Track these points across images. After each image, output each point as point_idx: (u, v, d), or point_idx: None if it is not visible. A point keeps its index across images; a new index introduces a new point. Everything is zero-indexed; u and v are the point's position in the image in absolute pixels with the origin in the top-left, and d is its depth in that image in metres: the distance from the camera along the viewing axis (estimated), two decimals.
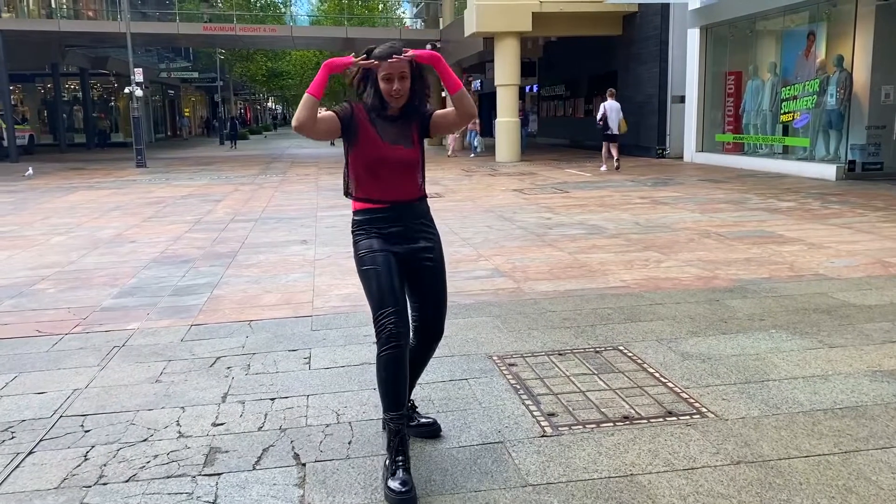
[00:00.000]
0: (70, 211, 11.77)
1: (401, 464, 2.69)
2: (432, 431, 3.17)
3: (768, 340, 4.36)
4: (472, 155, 23.38)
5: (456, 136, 24.21)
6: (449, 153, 23.79)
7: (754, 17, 15.96)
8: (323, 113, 2.87)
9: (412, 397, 3.22)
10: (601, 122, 16.10)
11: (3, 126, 27.17)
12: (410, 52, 2.82)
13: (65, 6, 36.90)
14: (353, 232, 2.98)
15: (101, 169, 21.64)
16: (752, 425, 3.21)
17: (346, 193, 2.99)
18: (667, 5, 19.00)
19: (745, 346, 4.26)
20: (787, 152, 15.51)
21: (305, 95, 2.80)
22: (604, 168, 16.60)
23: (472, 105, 2.93)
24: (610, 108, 15.91)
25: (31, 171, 19.98)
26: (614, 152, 16.27)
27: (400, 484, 2.63)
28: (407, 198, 2.93)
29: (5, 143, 26.74)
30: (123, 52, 25.03)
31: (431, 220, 3.05)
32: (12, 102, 29.31)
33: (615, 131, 16.06)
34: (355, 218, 2.96)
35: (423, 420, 3.20)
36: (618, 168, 16.28)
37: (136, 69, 22.73)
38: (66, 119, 36.99)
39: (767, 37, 16.39)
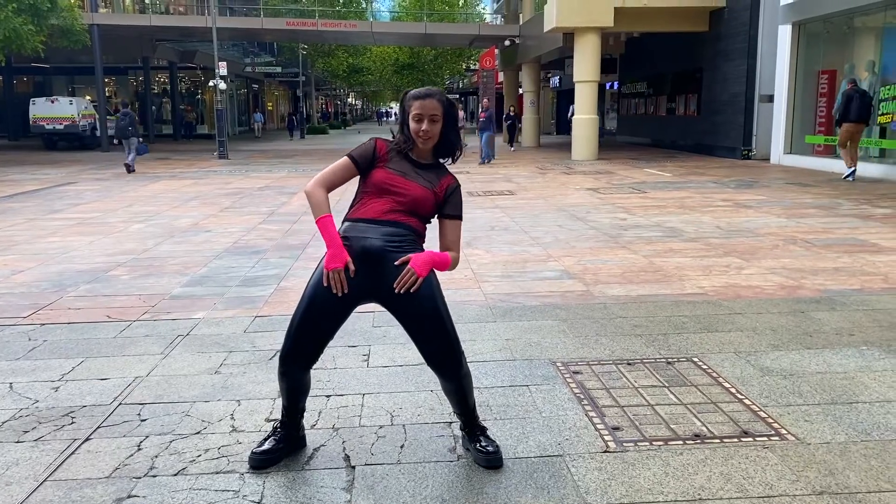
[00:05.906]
0: (152, 199, 12.12)
1: (270, 435, 2.96)
2: (487, 460, 2.84)
3: (858, 358, 4.03)
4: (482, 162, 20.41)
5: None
6: None
7: (852, 12, 15.10)
8: (341, 165, 2.81)
9: (484, 423, 3.02)
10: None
11: (96, 116, 28.39)
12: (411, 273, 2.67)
13: (157, 2, 38.29)
14: None
15: (185, 160, 22.32)
16: (838, 452, 2.94)
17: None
18: (757, 0, 18.23)
19: (832, 364, 3.95)
20: (883, 156, 14.64)
21: (317, 218, 2.72)
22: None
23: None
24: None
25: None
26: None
27: (264, 449, 2.91)
28: (389, 219, 2.73)
29: (98, 133, 27.95)
30: (210, 47, 25.72)
31: (417, 248, 2.77)
32: (106, 94, 30.61)
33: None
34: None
35: (482, 446, 2.88)
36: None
37: (220, 63, 23.33)
38: (155, 111, 38.38)
39: (866, 34, 15.50)
